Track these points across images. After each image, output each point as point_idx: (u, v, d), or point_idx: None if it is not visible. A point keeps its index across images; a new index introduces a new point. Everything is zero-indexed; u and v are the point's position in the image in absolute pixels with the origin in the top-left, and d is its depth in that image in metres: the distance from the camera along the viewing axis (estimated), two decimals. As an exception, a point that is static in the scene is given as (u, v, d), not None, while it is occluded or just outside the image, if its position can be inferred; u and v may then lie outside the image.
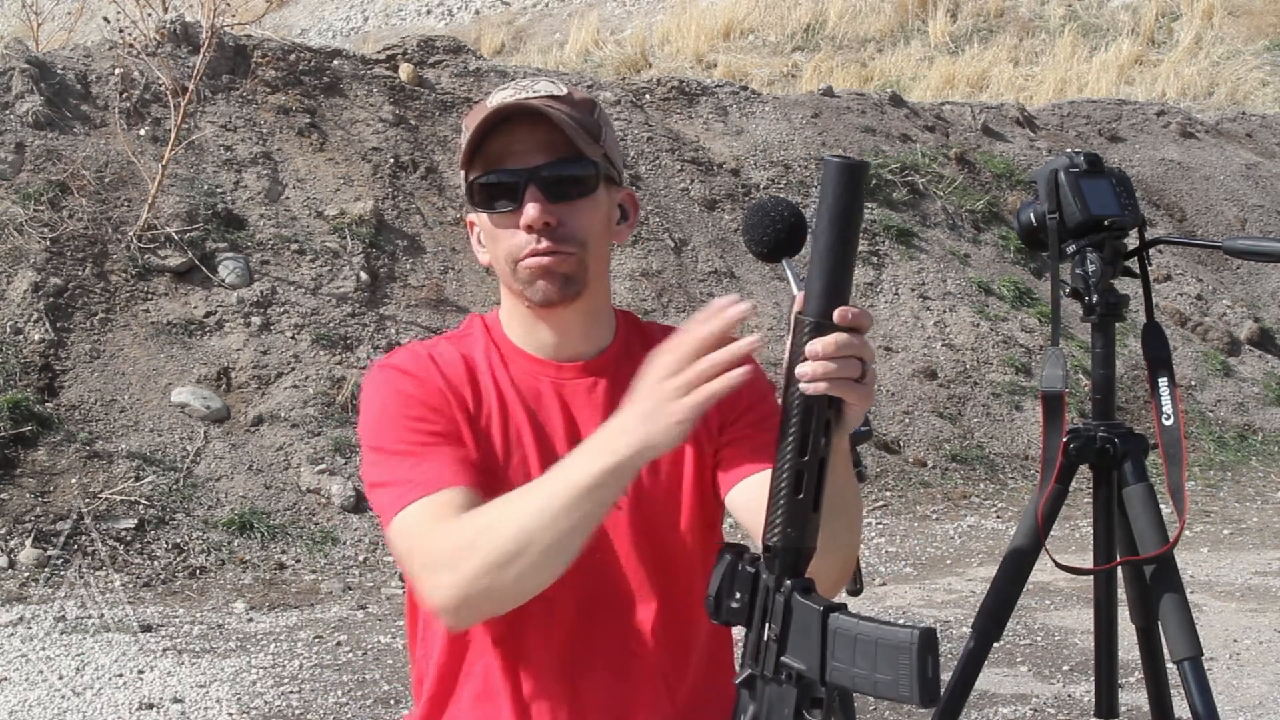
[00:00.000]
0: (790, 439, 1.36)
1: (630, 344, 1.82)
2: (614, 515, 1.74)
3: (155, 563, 5.74)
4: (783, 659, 1.36)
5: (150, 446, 6.25)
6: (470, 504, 1.60)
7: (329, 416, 6.65)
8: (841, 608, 1.36)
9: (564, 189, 1.69)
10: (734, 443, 1.78)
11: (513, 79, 1.80)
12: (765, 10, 17.22)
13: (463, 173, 1.74)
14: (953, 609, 5.65)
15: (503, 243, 1.72)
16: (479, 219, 1.76)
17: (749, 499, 1.73)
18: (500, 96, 1.71)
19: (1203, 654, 2.52)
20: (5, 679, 4.61)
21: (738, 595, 1.39)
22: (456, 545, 1.54)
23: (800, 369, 1.34)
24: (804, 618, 1.35)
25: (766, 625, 1.38)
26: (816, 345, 1.33)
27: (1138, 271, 2.68)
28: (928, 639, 1.31)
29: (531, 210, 1.67)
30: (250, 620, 5.31)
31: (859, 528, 1.68)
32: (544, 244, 1.68)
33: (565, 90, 1.72)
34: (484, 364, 1.78)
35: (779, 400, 1.85)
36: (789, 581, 1.36)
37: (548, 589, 1.71)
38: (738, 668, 1.41)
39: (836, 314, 1.33)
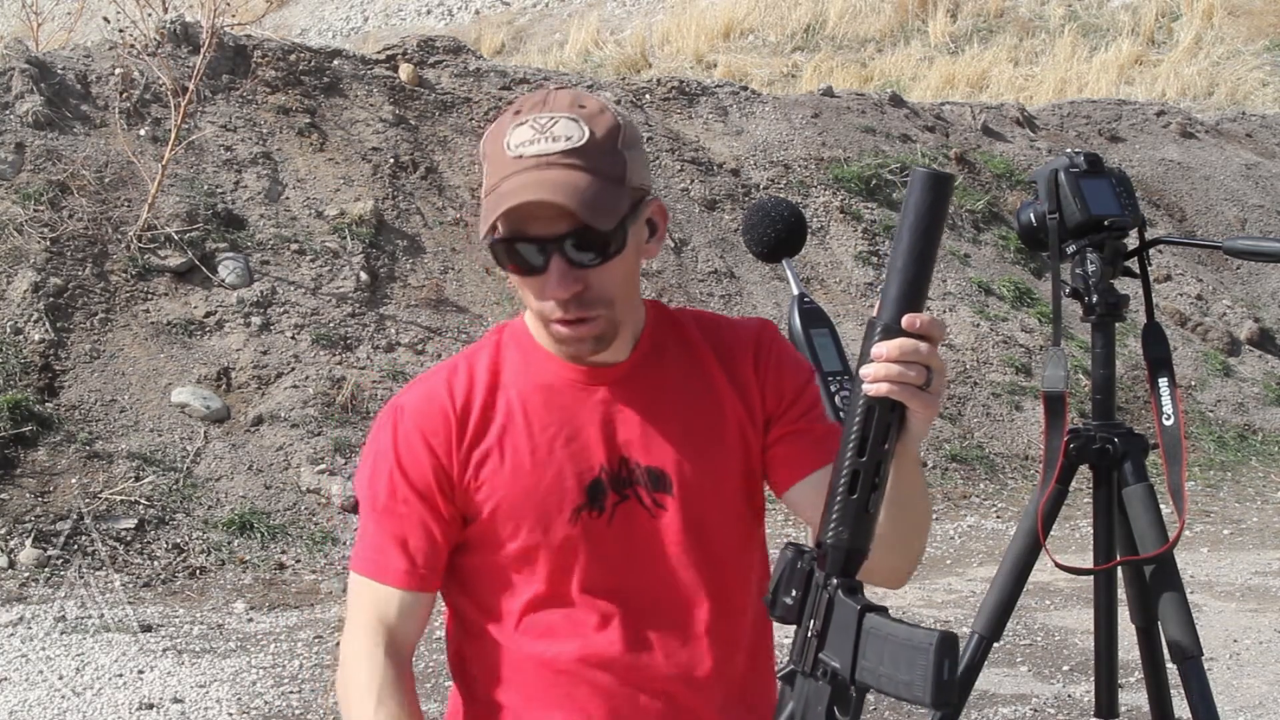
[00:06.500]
0: (850, 439, 1.39)
1: (660, 340, 1.78)
2: (660, 516, 1.72)
3: (155, 563, 5.74)
4: (821, 655, 1.40)
5: (150, 446, 6.25)
6: (392, 613, 1.71)
7: (329, 416, 6.65)
8: (880, 609, 1.39)
9: (589, 256, 1.63)
10: (788, 437, 1.76)
11: (528, 114, 1.65)
12: (765, 10, 17.22)
13: (482, 224, 1.65)
14: (953, 609, 5.65)
15: (531, 298, 1.67)
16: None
17: (811, 497, 1.72)
18: (518, 142, 1.61)
19: (1203, 654, 2.52)
20: (5, 679, 4.61)
21: (793, 592, 1.42)
22: (343, 677, 1.72)
23: (864, 370, 1.38)
24: (843, 616, 1.39)
25: (810, 621, 1.41)
26: (881, 348, 1.37)
27: (1138, 271, 2.68)
28: (946, 642, 1.33)
29: (556, 285, 1.62)
30: (250, 620, 5.31)
31: (924, 531, 1.69)
32: (572, 312, 1.64)
33: (586, 131, 1.61)
34: (507, 376, 1.75)
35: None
36: (835, 580, 1.40)
37: (599, 598, 1.72)
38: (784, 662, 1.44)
39: (905, 320, 1.37)
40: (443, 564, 1.74)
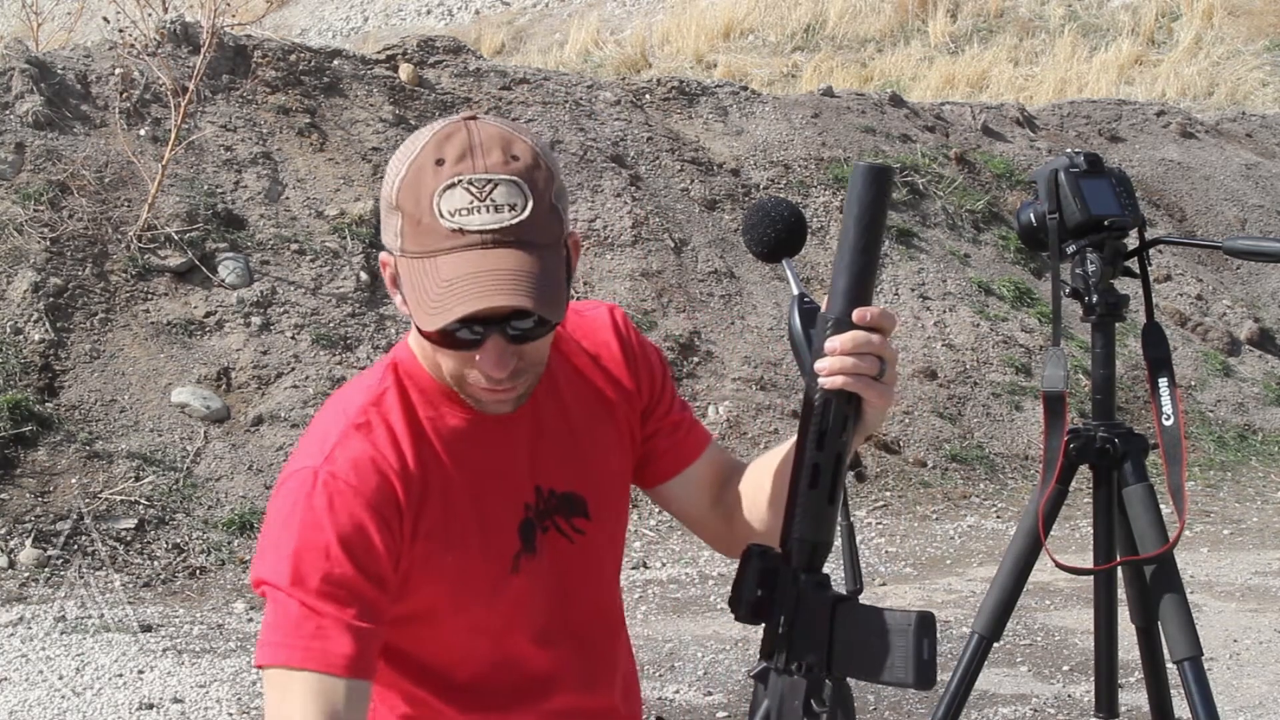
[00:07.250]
0: (810, 433, 1.40)
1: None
2: (579, 540, 1.67)
3: (155, 563, 5.74)
4: (794, 650, 1.40)
5: (150, 446, 6.25)
6: (340, 707, 1.45)
7: (329, 416, 6.65)
8: (851, 598, 1.40)
9: (530, 330, 1.51)
10: (665, 431, 1.75)
11: (457, 169, 1.44)
12: (765, 10, 17.21)
13: (419, 309, 1.48)
14: (953, 609, 5.65)
15: (448, 363, 1.54)
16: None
17: (691, 492, 1.74)
18: (453, 209, 1.44)
19: (1203, 654, 2.52)
20: (5, 679, 4.61)
21: (758, 593, 1.42)
22: None
23: (818, 364, 1.39)
24: (815, 609, 1.40)
25: (780, 618, 1.41)
26: (834, 341, 1.38)
27: (1138, 271, 2.68)
28: (924, 622, 1.35)
29: (493, 365, 1.50)
30: (250, 620, 5.31)
31: None
32: (503, 385, 1.53)
33: (529, 199, 1.45)
34: (424, 425, 1.59)
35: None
36: (804, 575, 1.41)
37: (546, 644, 1.65)
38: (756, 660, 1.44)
39: (855, 313, 1.38)
40: (380, 647, 1.53)
